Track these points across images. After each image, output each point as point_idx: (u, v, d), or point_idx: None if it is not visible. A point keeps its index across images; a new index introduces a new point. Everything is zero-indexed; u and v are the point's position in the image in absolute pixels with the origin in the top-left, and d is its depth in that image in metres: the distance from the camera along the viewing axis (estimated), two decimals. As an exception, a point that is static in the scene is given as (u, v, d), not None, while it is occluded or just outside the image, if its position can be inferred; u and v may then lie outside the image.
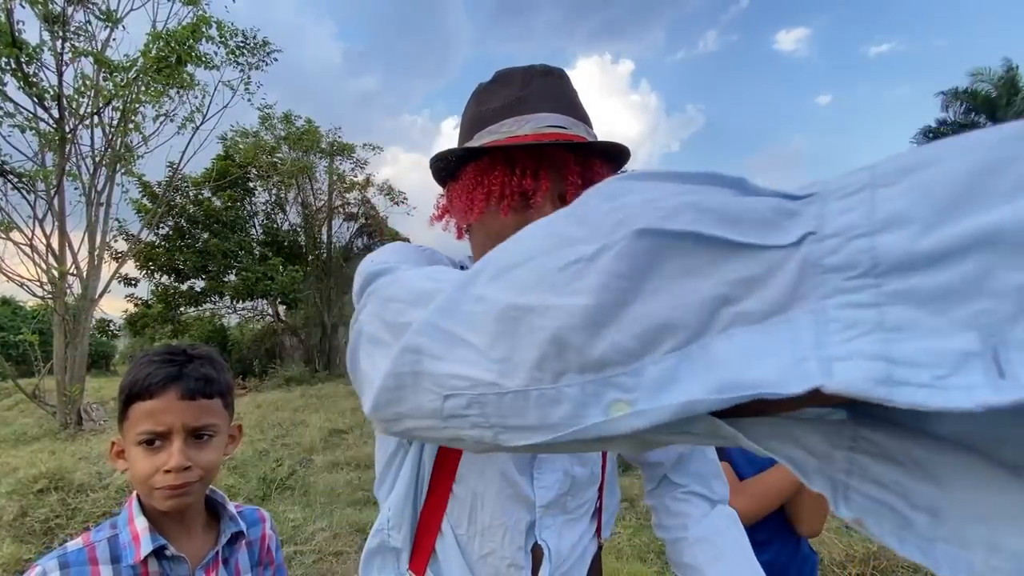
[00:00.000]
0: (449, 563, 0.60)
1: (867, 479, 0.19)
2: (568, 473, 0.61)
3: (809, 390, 0.16)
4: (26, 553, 2.90)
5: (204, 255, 13.51)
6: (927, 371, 0.14)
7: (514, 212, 0.56)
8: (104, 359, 25.65)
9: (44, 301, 7.65)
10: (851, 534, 2.74)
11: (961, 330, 0.14)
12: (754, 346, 0.18)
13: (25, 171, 7.44)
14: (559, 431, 0.23)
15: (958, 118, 14.08)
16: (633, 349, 0.20)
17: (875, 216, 0.16)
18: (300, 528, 3.21)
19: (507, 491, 0.59)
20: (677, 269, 0.19)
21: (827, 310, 0.16)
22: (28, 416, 8.84)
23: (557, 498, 0.61)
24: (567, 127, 0.56)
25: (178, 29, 7.54)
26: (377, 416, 0.33)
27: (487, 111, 0.59)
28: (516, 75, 0.59)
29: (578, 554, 0.64)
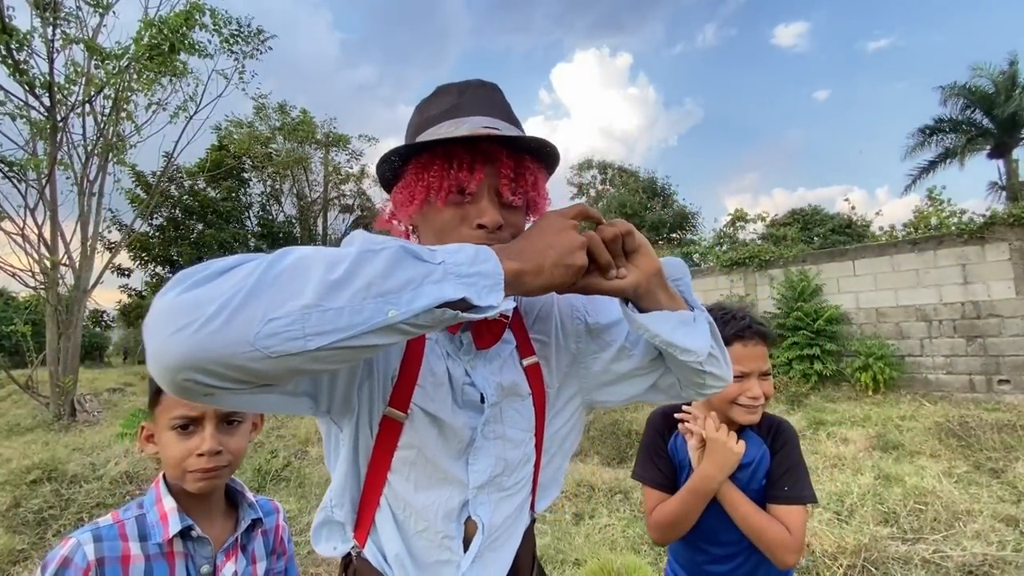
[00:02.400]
0: (387, 535, 0.66)
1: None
2: (500, 457, 0.67)
3: (450, 300, 0.46)
4: (19, 544, 2.89)
5: (199, 246, 13.43)
6: (477, 290, 0.47)
7: (452, 205, 0.61)
8: (98, 350, 25.48)
9: (36, 292, 7.59)
10: (842, 526, 2.76)
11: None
12: (434, 290, 0.45)
13: (16, 160, 7.34)
14: (359, 328, 0.42)
15: (956, 114, 14.07)
16: (397, 288, 0.44)
17: (459, 260, 0.48)
18: (295, 519, 3.21)
19: (437, 476, 0.65)
20: (410, 263, 0.46)
21: (451, 280, 0.46)
22: (21, 407, 8.79)
23: (490, 479, 0.67)
24: (499, 128, 0.62)
25: (170, 16, 7.42)
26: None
27: (427, 118, 0.65)
28: (454, 88, 0.66)
29: (509, 525, 0.70)
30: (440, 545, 0.66)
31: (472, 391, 0.66)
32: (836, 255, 7.11)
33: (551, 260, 0.52)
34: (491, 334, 0.66)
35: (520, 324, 0.72)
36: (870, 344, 6.28)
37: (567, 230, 0.54)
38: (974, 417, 4.46)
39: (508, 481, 0.69)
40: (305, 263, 0.43)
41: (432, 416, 0.64)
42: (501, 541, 0.69)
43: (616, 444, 4.73)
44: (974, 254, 5.91)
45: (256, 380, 0.42)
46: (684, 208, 17.77)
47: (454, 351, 0.67)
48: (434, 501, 0.65)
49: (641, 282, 0.59)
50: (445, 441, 0.65)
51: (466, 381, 0.66)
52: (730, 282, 8.10)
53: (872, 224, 14.36)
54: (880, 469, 3.58)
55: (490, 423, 0.66)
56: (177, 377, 0.40)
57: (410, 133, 0.67)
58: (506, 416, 0.68)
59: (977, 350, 5.84)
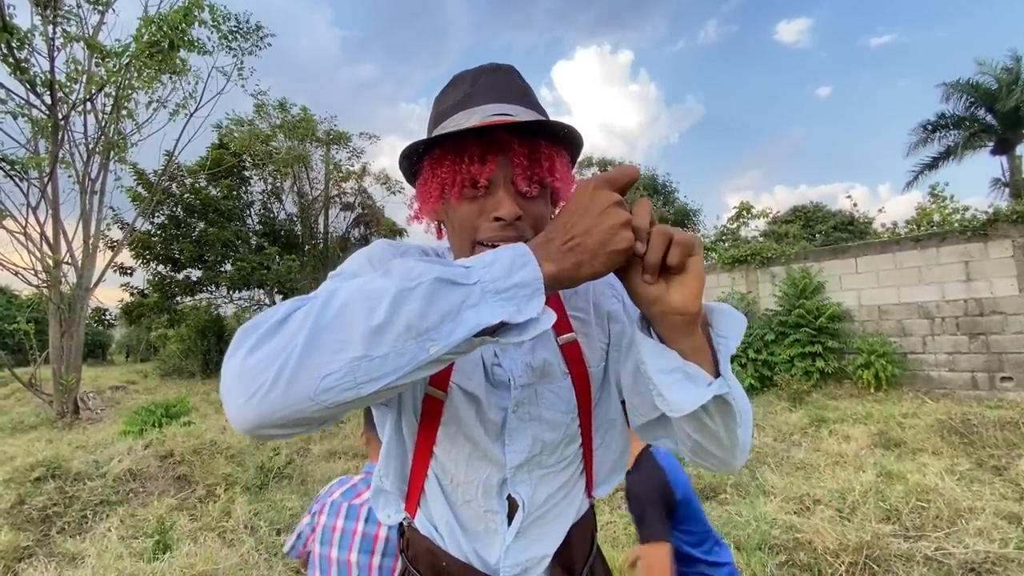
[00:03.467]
0: (436, 504, 0.69)
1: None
2: (537, 439, 0.66)
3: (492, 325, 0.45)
4: (24, 541, 2.90)
5: (202, 244, 13.42)
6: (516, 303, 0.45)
7: (467, 200, 0.60)
8: (100, 348, 25.59)
9: (39, 290, 7.61)
10: (844, 524, 2.76)
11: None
12: (473, 317, 0.44)
13: (18, 158, 7.35)
14: (404, 369, 0.43)
15: (959, 111, 14.00)
16: (436, 323, 0.44)
17: (495, 274, 0.45)
18: (297, 516, 3.22)
19: (476, 454, 0.66)
20: (446, 292, 0.44)
21: (488, 301, 0.45)
22: (24, 405, 8.83)
23: (529, 459, 0.67)
24: (512, 113, 0.59)
25: (170, 13, 7.41)
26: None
27: (442, 111, 0.63)
28: (467, 75, 0.64)
29: (555, 503, 0.69)
30: (484, 517, 0.67)
31: (501, 372, 0.66)
32: (838, 252, 7.09)
33: (591, 249, 0.46)
34: None
35: (557, 300, 0.69)
36: (872, 341, 6.26)
37: (609, 208, 0.47)
38: (976, 414, 4.46)
39: (549, 460, 0.68)
40: (348, 310, 0.44)
41: (470, 394, 0.65)
42: (549, 518, 0.69)
43: (618, 441, 4.72)
44: (977, 251, 5.89)
45: (320, 422, 0.47)
46: (685, 206, 17.73)
47: None
48: (475, 477, 0.66)
49: (681, 307, 0.50)
50: (483, 419, 0.66)
51: (494, 362, 0.66)
52: (732, 280, 8.09)
53: (875, 221, 14.33)
54: (882, 466, 3.58)
55: (523, 405, 0.66)
56: (255, 433, 0.45)
57: (428, 127, 0.66)
58: (542, 398, 0.66)
59: (980, 347, 5.82)
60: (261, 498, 3.54)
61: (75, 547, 2.84)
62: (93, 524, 3.17)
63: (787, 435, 4.69)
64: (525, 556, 0.67)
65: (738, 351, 7.14)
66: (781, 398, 6.23)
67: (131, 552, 2.74)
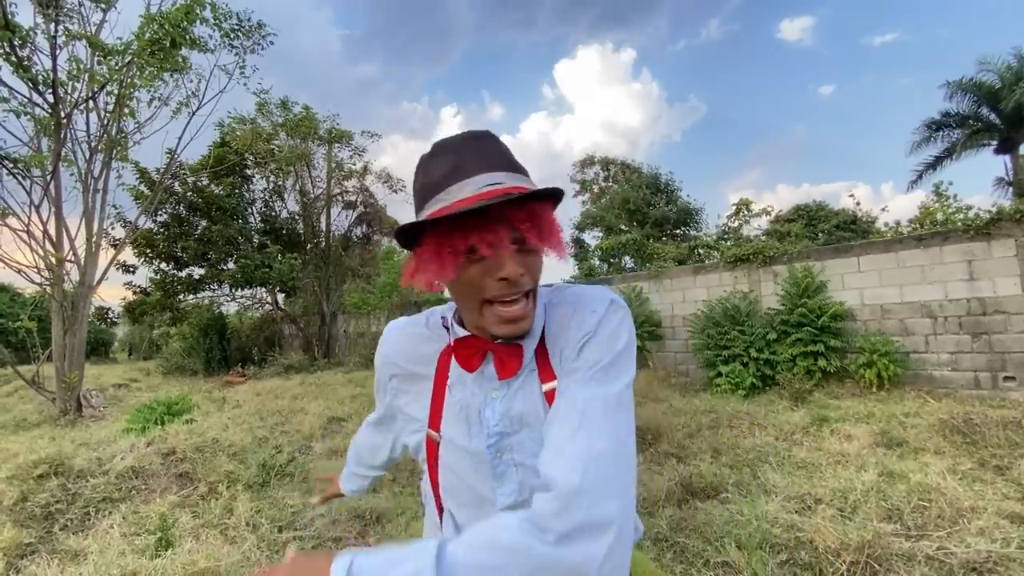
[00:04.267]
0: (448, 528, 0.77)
1: None
2: (524, 484, 0.72)
3: None
4: (27, 537, 2.91)
5: (205, 243, 13.44)
6: None
7: (474, 263, 0.65)
8: (103, 346, 25.67)
9: (42, 288, 7.63)
10: (845, 523, 2.76)
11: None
12: None
13: (20, 157, 7.37)
14: None
15: (962, 109, 13.93)
16: None
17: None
18: (299, 514, 3.23)
19: (472, 495, 0.74)
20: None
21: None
22: (28, 402, 8.86)
23: (518, 502, 0.72)
24: (503, 181, 0.64)
25: (171, 11, 7.41)
26: None
27: (431, 182, 0.67)
28: (451, 145, 0.68)
29: None
30: None
31: (483, 419, 0.72)
32: (841, 251, 7.07)
33: None
34: (511, 365, 0.70)
35: (544, 352, 0.72)
36: (874, 341, 6.25)
37: None
38: (979, 414, 4.44)
39: None
40: None
41: (453, 442, 0.73)
42: None
43: (619, 440, 4.72)
44: (980, 250, 5.87)
45: None
46: (688, 205, 17.70)
47: (480, 382, 0.73)
48: (475, 518, 0.73)
49: None
50: (473, 465, 0.72)
51: (480, 409, 0.72)
52: (734, 278, 8.08)
53: (877, 220, 14.28)
54: (884, 466, 3.57)
55: (505, 452, 0.71)
56: None
57: (417, 196, 0.70)
58: (523, 446, 0.71)
59: (983, 347, 5.81)
60: (263, 496, 3.55)
61: (78, 544, 2.85)
62: (96, 521, 3.19)
63: (789, 434, 4.69)
64: None
65: (740, 350, 7.15)
66: (783, 397, 6.22)
67: (133, 549, 2.75)
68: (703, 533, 2.76)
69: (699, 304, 8.39)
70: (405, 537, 2.87)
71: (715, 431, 4.88)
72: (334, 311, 15.39)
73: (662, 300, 9.09)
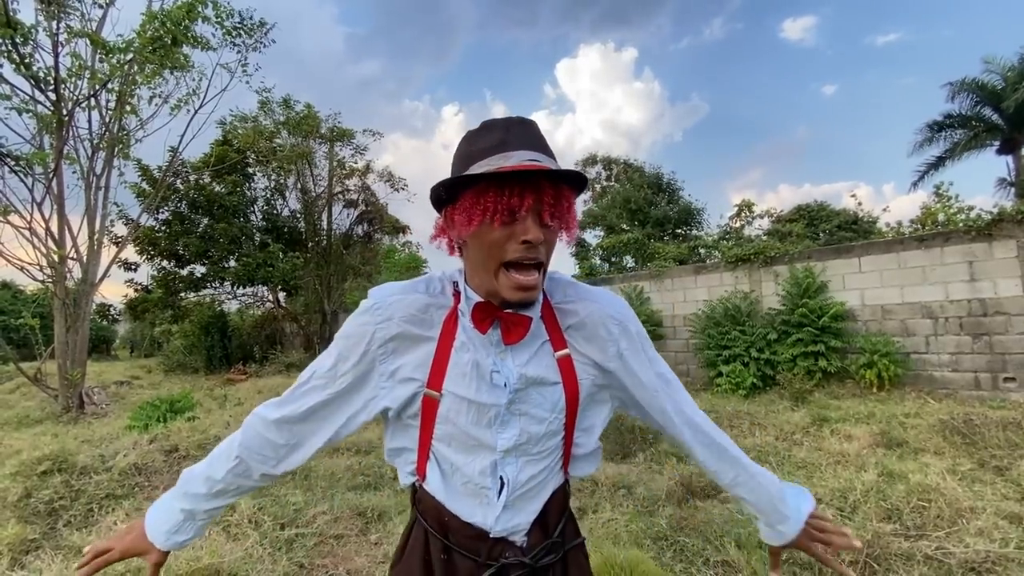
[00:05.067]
0: (438, 483, 0.84)
1: None
2: (524, 430, 0.82)
3: None
4: (31, 533, 2.93)
5: (207, 240, 13.46)
6: None
7: (503, 225, 0.73)
8: (105, 344, 25.72)
9: (44, 285, 7.65)
10: (845, 522, 2.77)
11: None
12: None
13: (22, 154, 7.38)
14: None
15: (965, 110, 13.89)
16: None
17: None
18: (301, 511, 3.25)
19: (471, 443, 0.81)
20: None
21: None
22: (30, 399, 8.89)
23: (516, 445, 0.82)
24: (541, 160, 0.73)
25: (173, 9, 7.42)
26: None
27: (477, 150, 0.75)
28: (499, 123, 0.77)
29: (536, 483, 0.85)
30: (479, 493, 0.83)
31: (499, 377, 0.81)
32: (842, 252, 7.07)
33: None
34: (516, 332, 0.80)
35: (553, 320, 0.85)
36: (875, 341, 6.25)
37: None
38: (979, 415, 4.45)
39: (533, 448, 0.84)
40: None
41: (461, 397, 0.80)
42: (532, 494, 0.85)
43: (620, 440, 4.74)
44: (981, 251, 5.87)
45: None
46: (689, 204, 17.69)
47: (487, 344, 0.81)
48: (470, 461, 0.82)
49: None
50: (475, 415, 0.81)
51: (494, 369, 0.81)
52: (735, 278, 8.08)
53: (879, 220, 14.26)
54: (884, 466, 3.58)
55: (515, 403, 0.81)
56: None
57: (460, 161, 0.78)
58: (531, 398, 0.82)
59: (983, 348, 5.81)
60: (265, 493, 3.56)
61: (81, 540, 2.87)
62: (99, 517, 3.20)
63: (789, 434, 4.70)
64: (512, 523, 0.83)
65: (740, 350, 7.16)
66: (783, 397, 6.23)
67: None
68: (703, 532, 2.78)
69: (700, 304, 8.40)
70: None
71: (715, 431, 4.88)
72: (335, 309, 15.41)
73: (663, 300, 9.10)
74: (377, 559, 2.68)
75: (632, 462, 4.21)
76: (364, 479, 3.90)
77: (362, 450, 4.64)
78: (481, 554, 0.82)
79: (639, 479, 3.65)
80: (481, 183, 0.73)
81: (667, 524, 2.91)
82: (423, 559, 0.85)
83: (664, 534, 2.81)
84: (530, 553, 0.83)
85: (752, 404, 6.06)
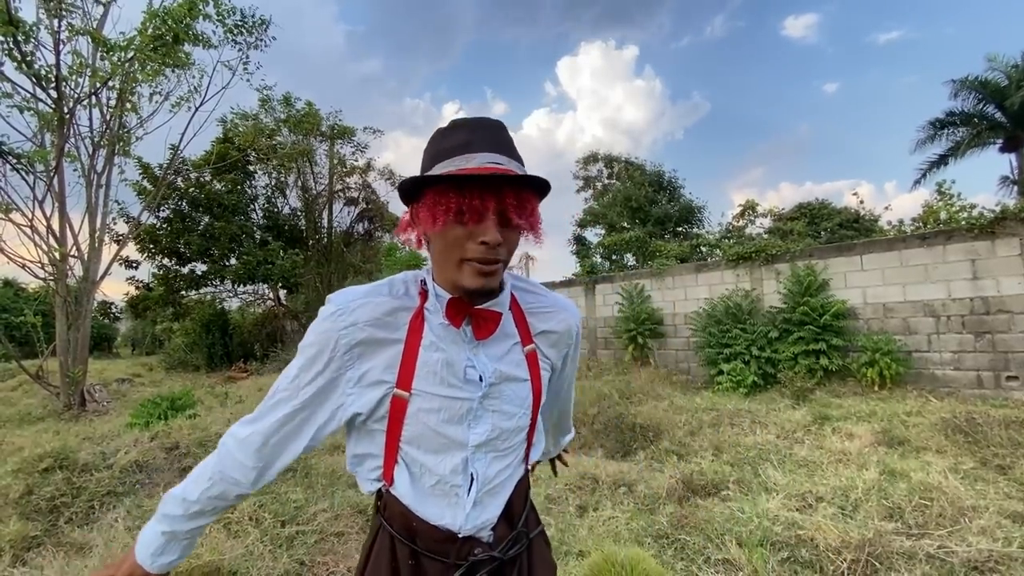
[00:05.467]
0: (407, 486, 0.83)
1: None
2: (496, 426, 0.84)
3: None
4: (32, 530, 2.93)
5: (208, 238, 13.46)
6: None
7: (462, 225, 0.74)
8: (106, 341, 25.76)
9: (46, 283, 7.65)
10: (847, 521, 2.76)
11: None
12: None
13: (24, 152, 7.38)
14: None
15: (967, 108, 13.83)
16: None
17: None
18: (302, 509, 3.25)
19: (442, 441, 0.82)
20: None
21: None
22: (32, 397, 8.91)
23: (487, 441, 0.84)
24: (503, 163, 0.75)
25: (174, 6, 7.40)
26: None
27: (443, 149, 0.76)
28: (468, 124, 0.78)
29: (503, 478, 0.87)
30: (448, 493, 0.83)
31: (473, 372, 0.82)
32: (844, 250, 7.05)
33: None
34: (487, 327, 0.82)
35: (522, 318, 0.89)
36: (877, 339, 6.24)
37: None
38: (981, 413, 4.44)
39: (502, 444, 0.86)
40: None
41: (430, 394, 0.80)
42: (497, 489, 0.86)
43: (620, 437, 4.74)
44: (984, 249, 5.85)
45: None
46: (690, 202, 17.65)
47: (459, 340, 0.82)
48: (441, 460, 0.82)
49: None
50: (447, 412, 0.81)
51: (468, 364, 0.82)
52: (736, 276, 8.07)
53: (880, 219, 14.22)
54: (885, 464, 3.57)
55: (489, 398, 0.83)
56: None
57: (428, 159, 0.79)
58: (504, 394, 0.84)
59: (986, 346, 5.79)
60: (265, 491, 3.56)
61: (83, 537, 2.87)
62: (100, 514, 3.21)
63: (790, 432, 4.69)
64: (480, 519, 0.84)
65: (742, 348, 7.14)
66: (784, 395, 6.22)
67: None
68: (704, 530, 2.77)
69: (701, 302, 8.38)
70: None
71: (716, 429, 4.88)
72: (336, 307, 15.39)
73: (664, 298, 9.08)
74: (378, 557, 2.67)
75: (632, 460, 4.21)
76: (365, 477, 3.90)
77: (363, 448, 4.64)
78: (450, 555, 0.82)
79: (639, 477, 3.64)
80: (443, 183, 0.74)
81: (668, 522, 2.90)
82: (390, 566, 0.84)
83: (665, 532, 2.80)
84: (498, 547, 0.85)
85: (753, 402, 6.05)
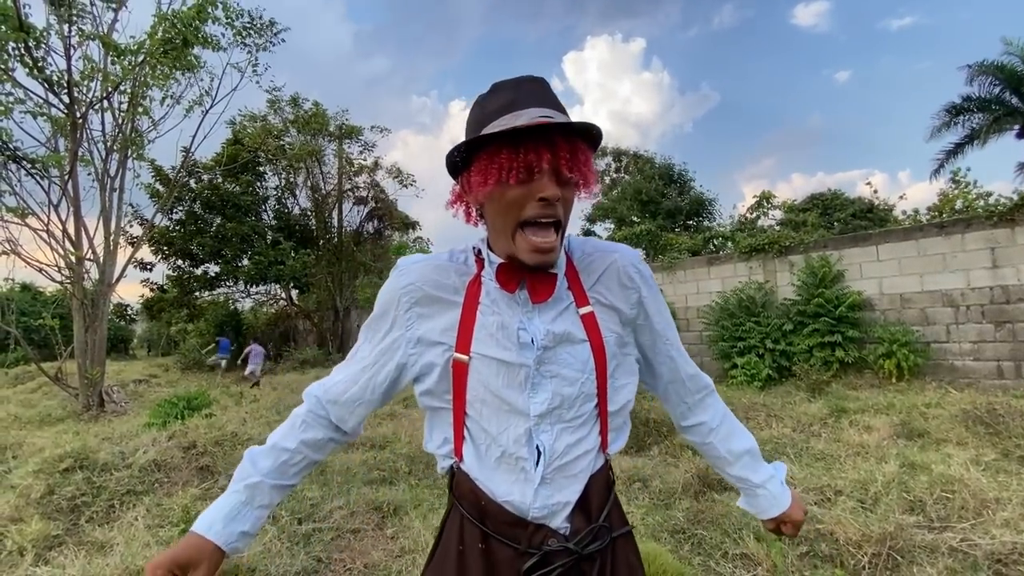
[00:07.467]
0: (475, 461, 0.82)
1: None
2: (557, 393, 0.80)
3: None
4: (54, 529, 2.98)
5: (220, 240, 13.60)
6: None
7: (520, 183, 0.72)
8: (123, 343, 26.18)
9: (63, 286, 7.78)
10: (867, 515, 2.72)
11: None
12: None
13: (38, 157, 7.50)
14: None
15: (983, 93, 13.53)
16: None
17: None
18: (318, 506, 3.27)
19: (504, 407, 0.79)
20: None
21: None
22: (51, 398, 9.08)
23: (550, 410, 0.79)
24: (552, 116, 0.73)
25: (184, 10, 7.45)
26: None
27: (489, 112, 0.75)
28: (509, 83, 0.77)
29: (575, 455, 0.81)
30: (516, 466, 0.80)
31: (526, 335, 0.80)
32: (859, 240, 6.94)
33: None
34: (543, 291, 0.80)
35: (576, 279, 0.85)
36: (894, 330, 6.14)
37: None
38: (1003, 404, 4.35)
39: (568, 414, 0.81)
40: None
41: (488, 357, 0.79)
42: (570, 471, 0.81)
43: (635, 432, 4.71)
44: (1003, 237, 5.73)
45: None
46: (701, 195, 17.49)
47: (514, 304, 0.81)
48: (505, 428, 0.80)
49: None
50: (506, 376, 0.79)
51: (520, 327, 0.80)
52: (749, 269, 7.98)
53: (895, 208, 14.00)
54: (905, 457, 3.51)
55: (545, 363, 0.80)
56: None
57: (473, 126, 0.78)
58: (560, 358, 0.80)
59: (1006, 336, 5.68)
60: (281, 488, 3.59)
61: (104, 535, 2.92)
62: (120, 513, 3.26)
63: (806, 425, 4.63)
64: (551, 501, 0.79)
65: (755, 341, 7.07)
66: (800, 388, 6.15)
67: (158, 540, 2.81)
68: (721, 525, 2.75)
69: (713, 295, 8.31)
70: (422, 528, 2.89)
71: (731, 423, 4.83)
72: (347, 306, 15.51)
73: (676, 292, 9.02)
74: (394, 553, 2.69)
75: (647, 455, 4.18)
76: (380, 474, 3.92)
77: (377, 445, 4.66)
78: (521, 542, 0.78)
79: (654, 472, 3.62)
80: (495, 143, 0.73)
81: (684, 517, 2.88)
82: (457, 550, 0.82)
83: (681, 527, 2.78)
84: (574, 539, 0.79)
85: (768, 396, 5.99)
